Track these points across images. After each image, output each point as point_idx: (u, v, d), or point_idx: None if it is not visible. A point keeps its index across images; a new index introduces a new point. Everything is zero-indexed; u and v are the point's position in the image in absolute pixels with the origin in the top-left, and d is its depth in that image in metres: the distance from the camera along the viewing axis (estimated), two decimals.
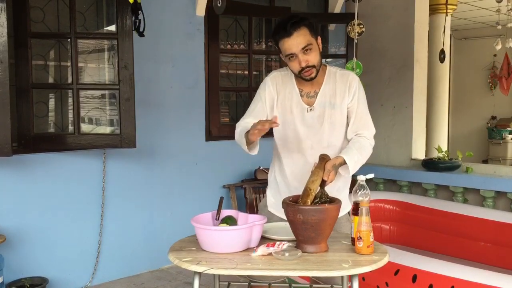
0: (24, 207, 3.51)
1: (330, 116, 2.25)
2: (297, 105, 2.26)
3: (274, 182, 2.42)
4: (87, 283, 3.83)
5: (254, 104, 2.32)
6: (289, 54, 2.13)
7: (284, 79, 2.30)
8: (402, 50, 5.19)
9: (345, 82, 2.27)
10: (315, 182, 1.97)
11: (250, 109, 2.32)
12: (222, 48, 4.67)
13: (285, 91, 2.28)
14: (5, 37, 2.99)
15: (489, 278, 2.49)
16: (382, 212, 4.45)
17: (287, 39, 2.10)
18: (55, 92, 3.82)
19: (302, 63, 2.12)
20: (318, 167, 2.02)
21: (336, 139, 2.30)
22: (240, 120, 2.32)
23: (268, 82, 2.30)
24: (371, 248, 1.86)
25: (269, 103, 2.29)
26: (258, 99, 2.30)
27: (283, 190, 2.35)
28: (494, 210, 4.14)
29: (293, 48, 2.11)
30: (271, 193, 2.44)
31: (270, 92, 2.28)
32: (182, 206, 4.34)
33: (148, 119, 4.09)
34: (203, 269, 1.73)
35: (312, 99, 2.26)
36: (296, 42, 2.10)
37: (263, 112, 2.29)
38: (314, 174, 2.00)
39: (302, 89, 2.27)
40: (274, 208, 2.38)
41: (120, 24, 3.46)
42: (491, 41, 6.53)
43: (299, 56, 2.12)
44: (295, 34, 2.09)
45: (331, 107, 2.25)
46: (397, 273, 2.76)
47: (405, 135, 5.25)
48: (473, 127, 10.03)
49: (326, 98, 2.25)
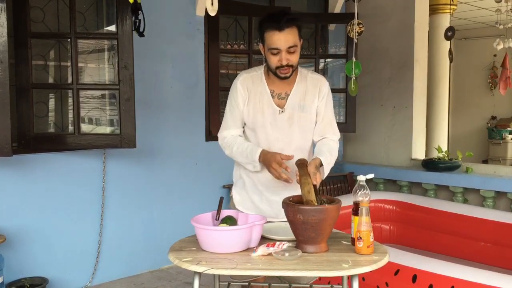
0: (24, 207, 3.51)
1: (299, 118, 2.25)
2: (269, 107, 2.24)
3: (239, 180, 2.41)
4: (87, 283, 3.83)
5: (231, 112, 2.30)
6: (274, 48, 2.11)
7: (254, 79, 2.27)
8: (402, 50, 5.19)
9: (316, 85, 2.27)
10: (311, 192, 1.96)
11: (228, 118, 2.31)
12: (222, 48, 4.67)
13: (256, 91, 2.26)
14: (5, 37, 2.99)
15: (489, 278, 2.48)
16: (382, 212, 4.45)
17: (277, 32, 2.09)
18: (55, 92, 3.82)
19: (284, 60, 2.12)
20: (305, 175, 1.99)
21: (305, 142, 2.31)
22: (223, 130, 2.32)
23: (238, 85, 2.27)
24: (371, 248, 1.86)
25: (242, 107, 2.28)
26: (234, 106, 2.29)
27: (250, 188, 2.35)
28: (494, 210, 4.14)
29: (281, 44, 2.09)
30: (236, 191, 2.43)
31: (242, 94, 2.27)
32: (182, 206, 4.34)
33: (148, 119, 4.09)
34: (203, 269, 1.73)
35: (282, 100, 2.25)
36: (285, 39, 2.09)
37: (241, 118, 2.29)
38: (305, 183, 1.97)
39: (274, 89, 2.25)
40: (241, 206, 2.38)
41: (120, 24, 3.46)
42: (491, 41, 6.52)
43: (282, 53, 2.11)
44: (287, 31, 2.09)
45: (300, 110, 2.25)
46: (397, 273, 2.76)
47: (405, 135, 5.26)
48: (473, 127, 10.02)
49: (297, 100, 2.25)
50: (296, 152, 2.21)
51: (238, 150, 2.24)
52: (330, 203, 1.92)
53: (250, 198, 2.36)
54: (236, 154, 2.26)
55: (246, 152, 2.21)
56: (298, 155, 2.19)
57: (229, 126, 2.31)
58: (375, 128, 5.46)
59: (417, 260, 2.81)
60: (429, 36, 5.68)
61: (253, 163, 2.18)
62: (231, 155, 2.30)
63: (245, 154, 2.21)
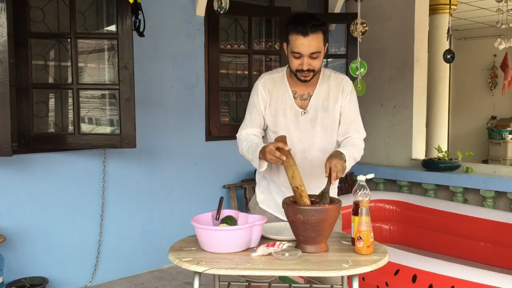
0: (24, 207, 3.51)
1: (323, 119, 2.24)
2: (291, 108, 2.23)
3: (263, 180, 2.41)
4: (87, 283, 3.83)
5: (250, 112, 2.30)
6: (296, 52, 2.09)
7: (276, 81, 2.27)
8: (402, 50, 5.20)
9: (339, 85, 2.25)
10: (295, 178, 1.95)
11: (247, 118, 2.31)
12: (222, 48, 4.67)
13: (277, 93, 2.25)
14: (5, 37, 2.99)
15: (489, 278, 2.48)
16: (382, 212, 4.45)
17: (301, 37, 2.07)
18: (55, 92, 3.82)
19: (305, 65, 2.10)
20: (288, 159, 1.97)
21: (328, 143, 2.28)
22: (240, 129, 2.31)
23: (260, 87, 2.26)
24: (371, 248, 1.86)
25: (263, 108, 2.27)
26: (253, 107, 2.28)
27: (273, 188, 2.35)
28: (494, 210, 4.14)
29: (304, 49, 2.08)
30: (260, 190, 2.42)
31: (263, 97, 2.26)
32: (182, 206, 4.34)
33: (148, 119, 4.09)
34: (203, 269, 1.73)
35: (305, 101, 2.24)
36: (309, 44, 2.07)
37: (261, 119, 2.28)
38: (288, 167, 1.97)
39: (296, 90, 2.25)
40: (265, 205, 2.37)
41: (120, 24, 3.46)
42: (491, 41, 6.53)
43: (305, 58, 2.09)
44: (311, 36, 2.07)
45: (324, 110, 2.23)
46: (397, 273, 2.76)
47: (405, 135, 5.26)
48: (473, 127, 10.03)
49: (319, 101, 2.23)
50: (320, 153, 2.20)
51: (246, 146, 2.22)
52: (330, 203, 1.92)
53: (274, 199, 2.36)
54: (245, 151, 2.24)
55: (251, 149, 2.18)
56: (321, 156, 2.18)
57: (246, 125, 2.30)
58: (375, 128, 5.45)
59: (417, 260, 2.82)
60: (429, 36, 5.68)
61: (256, 160, 2.16)
62: (242, 152, 2.27)
63: (251, 151, 2.18)
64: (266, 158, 2.05)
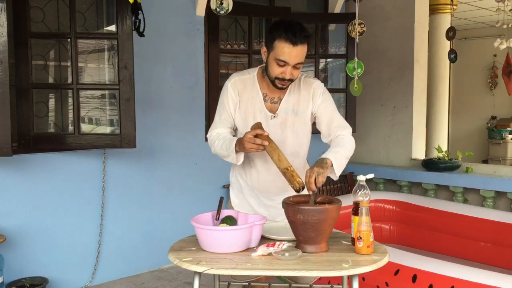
0: (24, 207, 3.51)
1: (293, 123, 2.22)
2: (261, 111, 2.21)
3: (236, 183, 2.39)
4: (87, 283, 3.83)
5: (220, 113, 2.28)
6: (282, 60, 2.05)
7: (246, 82, 2.24)
8: (402, 50, 5.20)
9: (309, 89, 2.23)
10: (282, 160, 1.98)
11: (216, 119, 2.29)
12: (222, 48, 4.67)
13: (248, 95, 2.22)
14: (5, 37, 2.99)
15: (489, 278, 2.48)
16: (382, 212, 4.45)
17: (290, 46, 2.03)
18: (55, 92, 3.82)
19: (288, 75, 2.08)
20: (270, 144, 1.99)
21: (300, 147, 2.27)
22: (210, 130, 2.30)
23: (229, 88, 2.23)
24: (371, 248, 1.86)
25: (233, 110, 2.24)
26: (223, 108, 2.26)
27: (246, 191, 2.34)
28: (494, 210, 4.14)
29: (291, 58, 2.05)
30: (234, 194, 2.41)
31: (233, 98, 2.23)
32: (182, 206, 4.34)
33: (148, 119, 4.09)
34: (203, 269, 1.73)
35: (275, 105, 2.22)
36: (296, 54, 2.05)
37: (230, 120, 2.26)
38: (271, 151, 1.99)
39: (266, 93, 2.22)
40: (240, 208, 2.36)
41: (120, 24, 3.46)
42: (491, 41, 6.51)
43: (289, 67, 2.06)
44: (300, 47, 2.04)
45: (294, 114, 2.21)
46: (397, 273, 2.76)
47: (405, 135, 5.26)
48: (473, 127, 10.02)
49: (289, 105, 2.21)
50: (291, 157, 2.18)
51: (219, 144, 2.20)
52: (330, 203, 1.92)
53: (248, 201, 2.35)
54: (218, 149, 2.22)
55: (225, 145, 2.16)
56: (293, 160, 2.16)
57: (216, 126, 2.28)
58: (375, 128, 5.46)
59: (417, 260, 2.81)
60: (429, 36, 5.68)
61: (232, 154, 2.13)
62: (215, 151, 2.25)
63: (225, 147, 2.16)
64: (245, 148, 2.02)
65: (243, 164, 2.24)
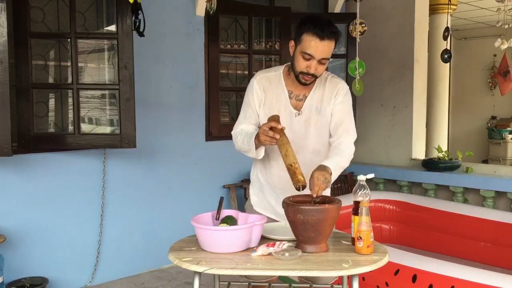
0: (24, 207, 3.51)
1: (316, 121, 2.23)
2: (286, 109, 2.22)
3: (257, 181, 2.39)
4: (87, 283, 3.83)
5: (244, 110, 2.29)
6: (308, 53, 2.06)
7: (271, 79, 2.25)
8: (402, 50, 5.20)
9: (333, 89, 2.24)
10: (289, 155, 1.97)
11: (241, 116, 2.30)
12: (222, 48, 4.67)
13: (273, 92, 2.24)
14: (5, 37, 2.99)
15: (489, 278, 2.49)
16: (382, 212, 4.45)
17: (318, 40, 2.04)
18: (55, 92, 3.82)
19: (312, 69, 2.09)
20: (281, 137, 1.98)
21: (322, 146, 2.27)
22: (235, 127, 2.30)
23: (255, 85, 2.25)
24: (371, 248, 1.86)
25: (258, 107, 2.25)
26: (247, 105, 2.27)
27: (267, 189, 2.34)
28: (494, 210, 4.14)
29: (316, 53, 2.06)
30: (253, 192, 2.41)
31: (258, 95, 2.24)
32: (182, 206, 4.34)
33: (148, 119, 4.09)
34: (203, 269, 1.73)
35: (300, 102, 2.23)
36: (323, 49, 2.06)
37: (255, 117, 2.27)
38: (280, 145, 1.98)
39: (292, 90, 2.24)
40: (259, 207, 2.36)
41: (120, 24, 3.46)
42: (491, 41, 6.50)
43: (314, 61, 2.08)
44: (327, 42, 2.05)
45: (317, 113, 2.22)
46: (397, 273, 2.76)
47: (405, 135, 5.26)
48: (473, 127, 10.03)
49: (314, 103, 2.23)
50: (313, 155, 2.19)
51: (241, 139, 2.21)
52: (330, 203, 1.92)
53: (267, 200, 2.35)
54: (240, 144, 2.22)
55: (246, 139, 2.17)
56: (315, 158, 2.17)
57: (240, 122, 2.29)
58: (375, 128, 5.46)
59: (417, 260, 2.82)
60: (429, 36, 5.68)
61: (252, 148, 2.13)
62: (238, 147, 2.25)
63: (246, 141, 2.16)
64: (260, 140, 2.03)
65: (263, 161, 2.26)
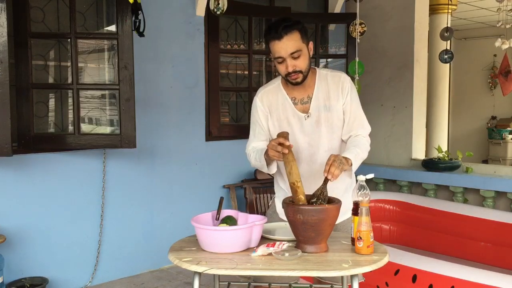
0: (24, 207, 3.51)
1: (327, 119, 2.23)
2: (294, 115, 2.23)
3: (280, 191, 2.40)
4: (87, 283, 3.83)
5: (253, 129, 2.33)
6: (277, 57, 2.11)
7: (272, 92, 2.28)
8: (402, 50, 5.19)
9: (337, 83, 2.24)
10: (292, 173, 1.96)
11: (251, 135, 2.34)
12: (222, 48, 4.67)
13: (277, 104, 2.26)
14: (5, 37, 2.99)
15: (489, 278, 2.49)
16: (382, 212, 4.45)
17: (277, 42, 2.08)
18: (55, 92, 3.82)
19: (289, 67, 2.11)
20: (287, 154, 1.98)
21: (336, 142, 2.28)
22: (247, 146, 2.35)
23: (258, 102, 2.29)
24: (371, 248, 1.86)
25: (265, 123, 2.29)
26: (255, 124, 2.31)
27: None
28: (494, 210, 4.14)
29: (282, 52, 2.09)
30: (279, 201, 2.39)
31: (263, 111, 2.28)
32: (182, 206, 4.34)
33: (148, 119, 4.09)
34: (203, 269, 1.73)
35: (306, 105, 2.24)
36: (285, 46, 2.08)
37: (264, 134, 2.30)
38: (286, 162, 1.98)
39: (295, 97, 2.25)
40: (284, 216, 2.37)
41: (120, 24, 3.46)
42: (491, 41, 6.50)
43: (287, 60, 2.10)
44: (286, 38, 2.07)
45: (326, 110, 2.23)
46: (397, 273, 2.77)
47: (405, 135, 5.26)
48: (473, 127, 10.03)
49: (320, 102, 2.23)
50: (327, 154, 2.18)
51: (253, 156, 2.26)
52: (329, 203, 1.92)
53: None
54: (253, 161, 2.27)
55: (258, 155, 2.22)
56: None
57: (251, 140, 2.34)
58: (375, 128, 5.38)
59: (417, 260, 2.82)
60: (429, 36, 5.68)
61: (264, 163, 2.18)
62: (253, 165, 2.31)
63: (258, 158, 2.22)
64: (269, 155, 2.05)
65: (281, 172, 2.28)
